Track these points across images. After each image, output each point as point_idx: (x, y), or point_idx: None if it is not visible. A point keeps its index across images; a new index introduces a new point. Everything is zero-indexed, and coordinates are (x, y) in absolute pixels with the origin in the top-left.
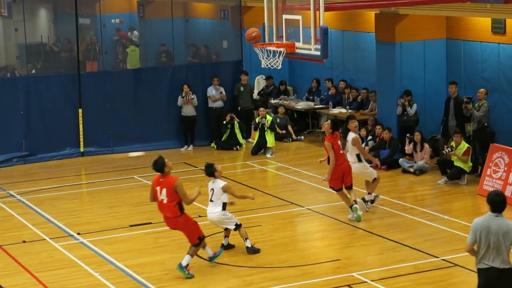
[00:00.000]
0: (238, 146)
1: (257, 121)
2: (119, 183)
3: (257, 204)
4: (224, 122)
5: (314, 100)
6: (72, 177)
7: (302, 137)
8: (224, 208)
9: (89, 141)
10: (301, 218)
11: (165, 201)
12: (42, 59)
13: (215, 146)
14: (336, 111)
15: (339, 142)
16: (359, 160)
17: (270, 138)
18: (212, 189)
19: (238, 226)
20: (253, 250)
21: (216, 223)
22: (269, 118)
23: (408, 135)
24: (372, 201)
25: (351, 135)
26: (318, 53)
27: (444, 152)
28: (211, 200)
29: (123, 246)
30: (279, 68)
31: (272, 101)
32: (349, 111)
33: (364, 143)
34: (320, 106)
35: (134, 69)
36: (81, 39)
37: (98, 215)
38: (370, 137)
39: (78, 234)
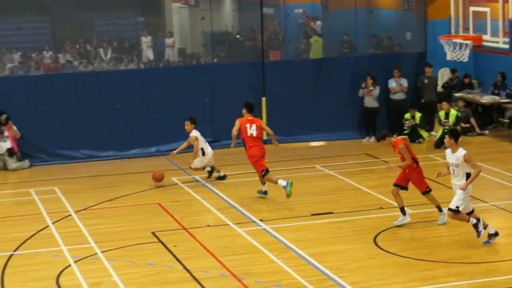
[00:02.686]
0: (420, 139)
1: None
2: (300, 172)
3: (441, 198)
4: (404, 117)
5: (500, 94)
6: None
7: (487, 131)
8: None
9: (271, 129)
10: (485, 214)
11: None
12: (226, 48)
13: None
14: None
15: None
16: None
17: None
18: None
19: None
20: None
21: None
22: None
23: None
24: None
25: None
26: (506, 46)
27: None
28: None
29: (304, 234)
30: (465, 61)
31: (456, 95)
32: None
33: None
34: (506, 100)
35: (316, 59)
36: (265, 28)
37: (279, 203)
38: None
39: (261, 220)
